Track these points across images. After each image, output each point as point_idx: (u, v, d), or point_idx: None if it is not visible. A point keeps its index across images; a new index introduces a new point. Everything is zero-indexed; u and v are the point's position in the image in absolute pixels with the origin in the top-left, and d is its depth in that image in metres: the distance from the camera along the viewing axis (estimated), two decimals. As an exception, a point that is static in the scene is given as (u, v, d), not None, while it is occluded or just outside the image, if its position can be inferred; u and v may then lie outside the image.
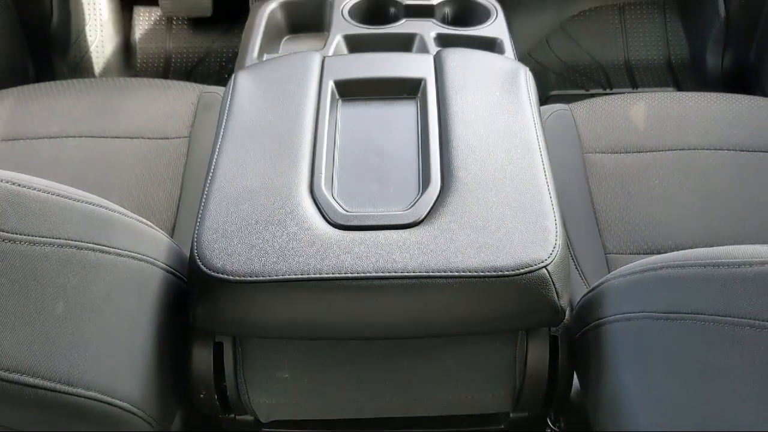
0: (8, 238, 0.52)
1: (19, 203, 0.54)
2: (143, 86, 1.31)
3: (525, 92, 0.95)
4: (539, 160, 0.85)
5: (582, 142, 1.19)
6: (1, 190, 0.53)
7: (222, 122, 0.92)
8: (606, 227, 1.09)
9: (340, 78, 0.98)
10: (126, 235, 0.68)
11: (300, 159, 0.85)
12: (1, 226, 0.51)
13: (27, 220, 0.54)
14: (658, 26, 2.07)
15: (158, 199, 1.14)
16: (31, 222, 0.54)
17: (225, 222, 0.78)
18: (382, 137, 0.91)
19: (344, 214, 0.80)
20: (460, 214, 0.78)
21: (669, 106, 1.25)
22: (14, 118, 1.24)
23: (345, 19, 1.16)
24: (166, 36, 2.08)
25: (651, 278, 0.65)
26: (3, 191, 0.53)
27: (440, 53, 1.02)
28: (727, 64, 1.94)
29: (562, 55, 2.04)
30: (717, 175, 1.14)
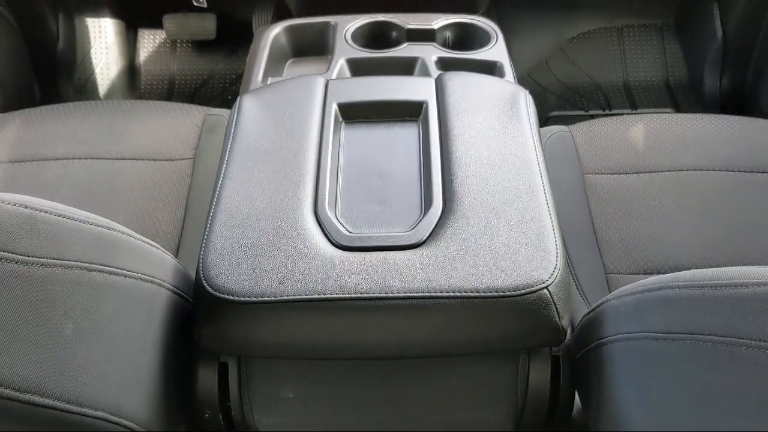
0: (21, 260, 0.53)
1: (31, 226, 0.55)
2: (149, 108, 1.32)
3: (525, 115, 0.97)
4: (539, 182, 0.86)
5: (582, 163, 1.20)
6: (14, 214, 0.54)
7: (227, 144, 0.93)
8: (606, 247, 1.10)
9: (343, 101, 0.99)
10: (133, 256, 0.69)
11: (304, 181, 0.86)
12: (14, 248, 0.52)
13: (39, 243, 0.55)
14: (657, 48, 2.09)
15: (163, 219, 1.15)
16: (43, 244, 0.56)
17: (230, 243, 0.79)
18: (385, 159, 0.92)
19: (348, 235, 0.81)
20: (462, 235, 0.79)
21: (667, 127, 1.26)
22: (21, 140, 1.25)
23: (348, 43, 1.18)
24: (170, 58, 2.11)
25: (650, 299, 0.66)
26: (16, 214, 0.54)
27: (441, 77, 1.03)
28: (725, 85, 1.95)
29: (562, 76, 2.06)
30: (715, 196, 1.15)
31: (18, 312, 0.52)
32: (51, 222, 0.58)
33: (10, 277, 0.52)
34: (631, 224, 1.12)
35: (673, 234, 1.10)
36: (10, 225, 0.53)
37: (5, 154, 1.22)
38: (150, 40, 2.12)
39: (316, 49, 1.23)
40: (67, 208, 0.62)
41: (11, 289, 0.52)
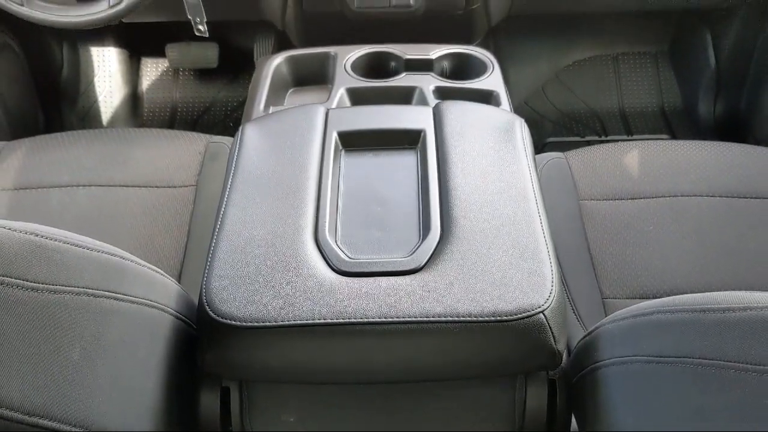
0: (30, 287, 0.54)
1: (41, 254, 0.57)
2: (152, 136, 1.34)
3: (521, 143, 0.99)
4: (535, 208, 0.88)
5: (577, 189, 1.22)
6: (24, 241, 0.56)
7: (230, 172, 0.95)
8: (602, 272, 1.12)
9: (343, 129, 1.01)
10: (138, 282, 0.71)
11: (305, 208, 0.88)
12: (25, 275, 0.54)
13: (48, 270, 0.57)
14: (651, 75, 2.12)
15: (165, 245, 1.16)
16: (52, 271, 0.57)
17: (232, 269, 0.81)
18: (384, 186, 0.94)
19: (348, 261, 0.82)
20: (460, 260, 0.81)
21: (662, 153, 1.28)
22: (26, 168, 1.27)
23: (348, 73, 1.20)
24: (172, 86, 2.14)
25: (643, 323, 0.67)
26: (27, 242, 0.56)
27: (439, 105, 1.06)
28: (719, 112, 1.98)
29: (558, 103, 2.09)
30: (710, 221, 1.17)
31: (27, 337, 0.54)
32: (60, 249, 0.59)
33: (19, 303, 0.53)
34: (627, 249, 1.14)
35: (668, 259, 1.12)
36: (21, 252, 0.55)
37: (11, 181, 1.24)
38: (153, 68, 2.16)
39: (316, 78, 1.25)
40: (75, 235, 0.64)
41: (21, 315, 0.53)
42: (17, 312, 0.53)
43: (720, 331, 0.56)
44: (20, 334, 0.53)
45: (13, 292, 0.53)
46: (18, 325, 0.53)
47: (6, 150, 1.31)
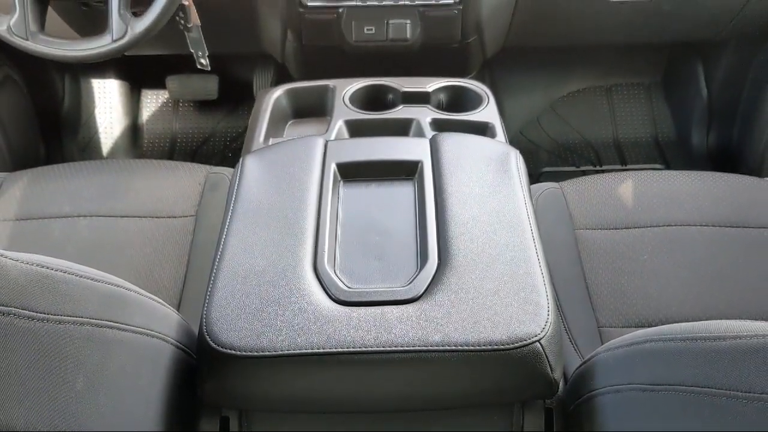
0: (37, 317, 0.56)
1: (47, 285, 0.58)
2: (152, 167, 1.36)
3: (516, 174, 1.01)
4: (530, 238, 0.89)
5: (573, 218, 1.24)
6: (32, 273, 0.57)
7: (230, 203, 0.97)
8: (598, 301, 1.13)
9: (341, 161, 1.03)
10: (140, 312, 0.72)
11: (304, 237, 0.90)
12: (32, 306, 0.55)
13: (54, 301, 0.58)
14: (645, 106, 2.15)
15: (165, 275, 1.17)
16: (57, 302, 0.58)
17: (233, 299, 0.82)
18: (382, 216, 0.96)
19: (346, 290, 0.84)
20: (457, 290, 0.82)
21: (656, 183, 1.30)
22: (28, 199, 1.28)
23: (346, 105, 1.22)
24: (172, 117, 2.16)
25: (637, 351, 0.68)
26: (34, 274, 0.57)
27: (436, 137, 1.07)
28: (712, 142, 2.01)
29: (553, 133, 2.12)
30: (703, 251, 1.18)
31: (33, 367, 0.55)
32: (65, 280, 0.61)
33: (26, 333, 0.54)
34: (622, 279, 1.15)
35: (663, 288, 1.13)
36: (28, 283, 0.56)
37: (13, 212, 1.25)
38: (153, 99, 2.18)
39: (315, 110, 1.27)
40: (79, 266, 0.65)
41: (27, 345, 0.54)
42: (24, 342, 0.54)
43: (711, 360, 0.57)
44: (26, 364, 0.54)
45: (20, 322, 0.54)
46: (24, 355, 0.54)
47: (8, 181, 1.32)
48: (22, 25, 1.26)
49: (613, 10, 1.59)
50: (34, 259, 0.58)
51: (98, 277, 0.66)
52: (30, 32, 1.26)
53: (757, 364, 0.53)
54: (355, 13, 1.51)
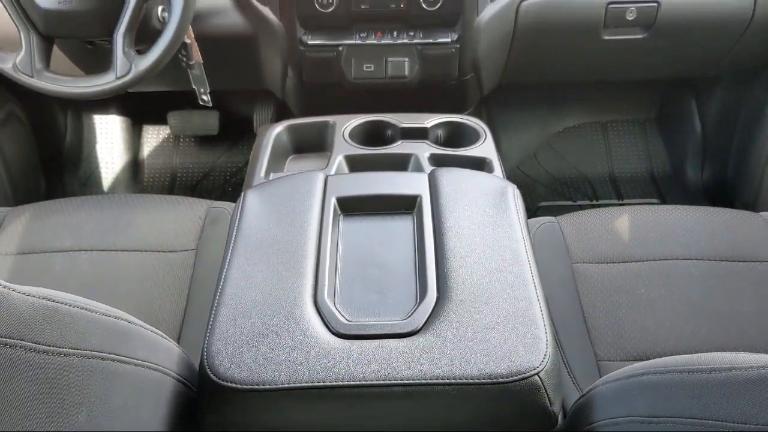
0: (43, 350, 0.56)
1: (52, 318, 0.59)
2: (153, 202, 1.37)
3: (513, 208, 1.02)
4: (528, 272, 0.90)
5: (570, 252, 1.25)
6: (38, 306, 0.58)
7: (231, 236, 0.98)
8: (596, 335, 1.13)
9: (342, 195, 1.04)
10: (142, 345, 0.73)
11: (304, 271, 0.91)
12: (38, 338, 0.56)
13: (59, 333, 0.59)
14: (640, 141, 2.18)
15: (165, 309, 1.18)
16: (62, 335, 0.59)
17: (234, 332, 0.82)
18: (382, 250, 0.97)
19: (346, 323, 0.84)
20: (456, 323, 0.83)
21: (651, 218, 1.31)
22: (30, 233, 1.29)
23: (346, 140, 1.24)
24: (173, 152, 2.18)
25: (634, 384, 0.69)
26: (39, 306, 0.58)
27: (434, 172, 1.09)
28: (707, 177, 2.03)
29: (550, 168, 2.14)
30: (699, 284, 1.19)
31: (37, 398, 0.55)
32: (70, 313, 0.61)
33: (32, 365, 0.55)
34: (619, 312, 1.16)
35: (660, 322, 1.14)
36: (34, 316, 0.57)
37: (15, 246, 1.26)
38: (154, 135, 2.21)
39: (315, 146, 1.29)
40: (83, 299, 0.66)
41: (33, 377, 0.55)
42: (29, 374, 0.54)
43: (707, 391, 0.58)
44: (31, 396, 0.54)
45: (26, 354, 0.54)
46: (29, 387, 0.54)
47: (10, 216, 1.33)
48: (28, 62, 1.28)
49: (606, 47, 1.62)
50: (40, 292, 0.59)
51: (102, 310, 0.67)
52: (35, 69, 1.28)
53: (753, 396, 0.54)
54: (355, 52, 1.54)
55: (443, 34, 1.53)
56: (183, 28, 1.26)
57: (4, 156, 1.78)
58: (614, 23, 1.57)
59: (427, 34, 1.53)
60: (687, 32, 1.59)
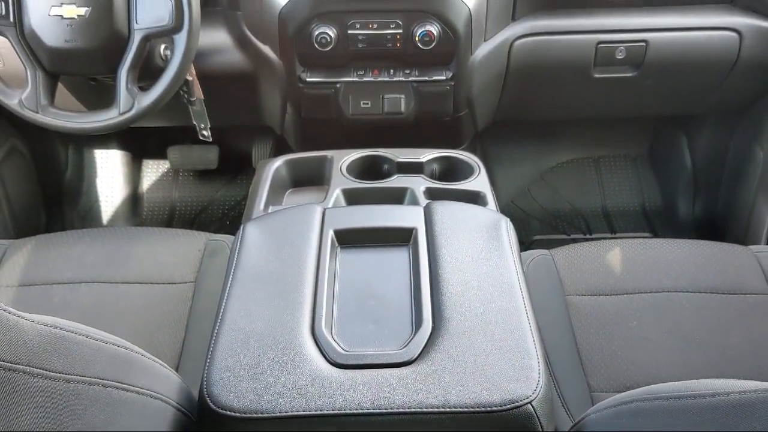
0: (50, 376, 0.58)
1: (60, 345, 0.61)
2: (153, 234, 1.39)
3: (506, 241, 1.05)
4: (521, 303, 0.92)
5: (563, 285, 1.27)
6: (45, 334, 0.60)
7: (231, 268, 1.00)
8: (590, 366, 1.15)
9: (339, 227, 1.07)
10: (144, 374, 0.74)
11: (302, 302, 0.93)
12: (45, 365, 0.58)
13: (65, 360, 0.60)
14: (632, 176, 2.22)
15: (164, 340, 1.19)
16: (69, 362, 0.61)
17: (233, 361, 0.84)
18: (378, 281, 0.99)
19: (343, 353, 0.86)
20: (451, 353, 0.85)
21: (644, 251, 1.34)
22: (31, 265, 1.31)
23: (343, 174, 1.27)
24: (172, 186, 2.21)
25: (625, 411, 0.71)
26: (47, 334, 0.60)
27: (429, 205, 1.12)
28: (698, 211, 2.06)
29: (544, 202, 2.17)
30: (690, 317, 1.21)
31: (43, 425, 0.57)
32: (75, 341, 0.63)
33: (39, 392, 0.57)
34: (612, 344, 1.17)
35: (652, 353, 1.15)
36: (42, 343, 0.59)
37: (16, 278, 1.28)
38: (153, 169, 2.24)
39: (313, 180, 1.32)
40: (88, 328, 0.68)
41: (40, 403, 0.57)
42: (36, 400, 0.56)
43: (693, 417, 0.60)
44: (37, 421, 0.56)
45: (34, 381, 0.56)
46: (36, 413, 0.56)
47: (12, 248, 1.35)
48: (33, 98, 1.31)
49: (597, 85, 1.66)
50: (47, 320, 0.61)
51: (105, 339, 0.69)
52: (40, 105, 1.32)
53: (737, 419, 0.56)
54: (352, 89, 1.58)
55: (438, 72, 1.57)
56: (186, 67, 1.29)
57: (6, 190, 1.80)
58: (604, 62, 1.61)
59: (423, 72, 1.57)
60: (675, 71, 1.64)
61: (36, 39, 1.28)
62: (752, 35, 1.57)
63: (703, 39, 1.58)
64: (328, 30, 1.47)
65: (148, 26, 1.27)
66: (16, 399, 0.55)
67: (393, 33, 1.48)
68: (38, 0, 1.27)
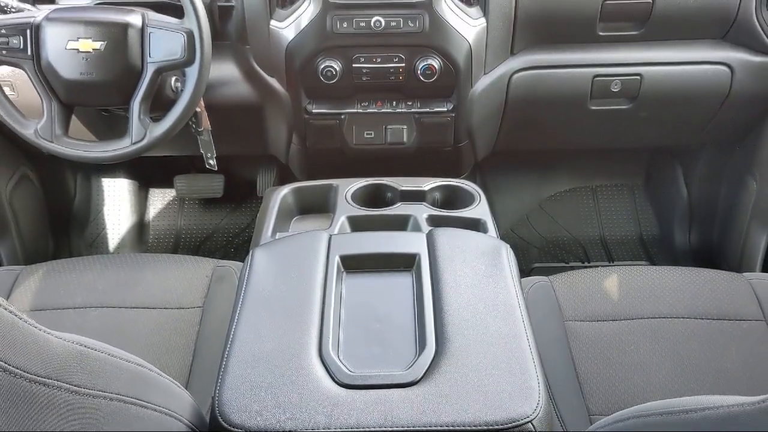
0: (75, 390, 0.61)
1: (83, 362, 0.64)
2: (161, 261, 1.42)
3: (506, 266, 1.08)
4: (521, 326, 0.96)
5: (562, 311, 1.30)
6: (71, 350, 0.63)
7: (241, 292, 1.03)
8: (588, 390, 1.18)
9: (344, 253, 1.10)
10: (160, 392, 0.77)
11: (310, 325, 0.96)
12: (72, 380, 0.61)
13: (88, 376, 0.64)
14: (629, 206, 2.26)
15: (172, 363, 1.21)
16: (92, 378, 0.64)
17: (244, 382, 0.87)
18: (383, 305, 1.02)
19: (350, 374, 0.89)
20: (453, 374, 0.88)
21: (640, 278, 1.37)
22: (42, 291, 1.34)
23: (348, 202, 1.30)
24: (177, 214, 2.25)
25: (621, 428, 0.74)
26: (72, 351, 0.63)
27: (432, 232, 1.15)
28: (694, 240, 2.10)
29: (543, 231, 2.20)
30: (686, 342, 1.24)
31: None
32: (99, 358, 0.66)
33: (65, 405, 0.60)
34: (610, 369, 1.20)
35: (650, 377, 1.18)
36: (69, 359, 0.62)
37: (28, 302, 1.31)
38: (160, 197, 2.28)
39: (319, 207, 1.35)
40: (109, 346, 0.71)
41: (65, 417, 0.60)
42: (62, 413, 0.59)
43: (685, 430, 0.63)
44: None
45: (62, 395, 0.59)
46: (62, 425, 0.59)
47: (24, 274, 1.38)
48: (48, 129, 1.35)
49: (594, 117, 1.71)
50: (73, 338, 0.65)
51: (125, 357, 0.72)
52: (55, 135, 1.36)
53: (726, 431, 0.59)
54: (356, 119, 1.62)
55: (439, 104, 1.62)
56: (197, 99, 1.34)
57: (16, 217, 1.84)
58: (600, 95, 1.66)
59: (425, 103, 1.62)
60: (669, 104, 1.68)
61: (52, 71, 1.32)
62: (743, 69, 1.62)
63: (696, 73, 1.63)
64: (333, 63, 1.52)
65: (161, 60, 1.32)
66: (45, 412, 0.58)
67: (396, 66, 1.53)
68: (56, 34, 1.31)
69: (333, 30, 1.49)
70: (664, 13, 1.55)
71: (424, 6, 1.48)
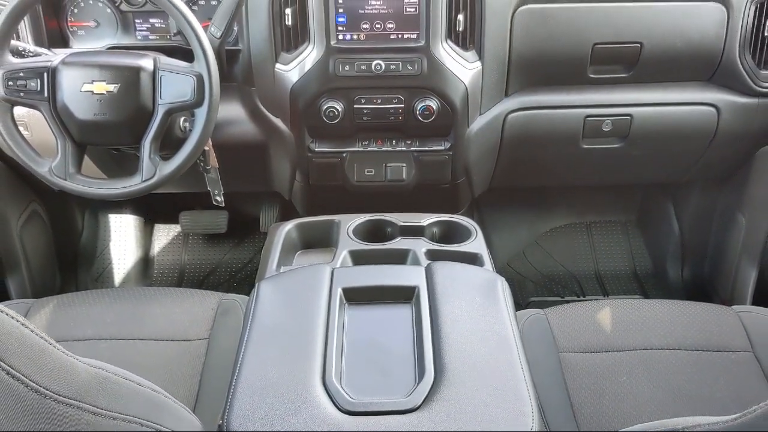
0: (97, 412, 0.65)
1: (105, 385, 0.68)
2: (168, 294, 1.45)
3: (502, 299, 1.12)
4: (516, 355, 1.00)
5: (557, 342, 1.33)
6: (94, 374, 0.67)
7: (247, 324, 1.07)
8: (582, 420, 1.21)
9: (347, 286, 1.14)
10: (173, 417, 0.81)
11: (314, 355, 1.00)
12: (95, 402, 0.65)
13: (110, 399, 0.68)
14: (623, 241, 2.30)
15: (179, 394, 1.24)
16: (112, 401, 0.68)
17: (251, 408, 0.91)
18: (383, 335, 1.06)
19: (352, 401, 0.93)
20: (451, 401, 0.92)
21: (633, 311, 1.40)
22: (53, 323, 1.37)
23: (350, 237, 1.34)
24: (182, 249, 2.29)
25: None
26: (95, 375, 0.67)
27: (430, 266, 1.19)
28: (686, 275, 2.14)
29: (538, 266, 2.24)
30: (677, 373, 1.27)
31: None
32: (118, 382, 0.71)
33: (89, 425, 0.64)
34: (603, 399, 1.23)
35: (642, 406, 1.21)
36: (91, 383, 0.66)
37: (40, 334, 1.35)
38: (164, 233, 2.32)
39: (322, 242, 1.39)
40: (126, 372, 0.75)
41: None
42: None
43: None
44: None
45: (86, 416, 0.63)
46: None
47: (36, 306, 1.42)
48: (62, 167, 1.40)
49: (586, 155, 1.76)
50: (95, 362, 0.69)
51: (141, 382, 0.77)
52: (69, 174, 1.41)
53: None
54: (357, 158, 1.68)
55: (437, 142, 1.67)
56: (205, 138, 1.39)
57: (25, 251, 1.89)
58: (592, 134, 1.71)
59: (423, 142, 1.67)
60: (658, 142, 1.74)
61: (67, 112, 1.37)
62: (728, 110, 1.69)
63: (684, 113, 1.69)
64: (335, 104, 1.58)
65: (171, 101, 1.37)
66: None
67: (396, 107, 1.59)
68: (72, 77, 1.36)
69: (336, 73, 1.56)
70: (652, 56, 1.61)
71: (423, 50, 1.55)
